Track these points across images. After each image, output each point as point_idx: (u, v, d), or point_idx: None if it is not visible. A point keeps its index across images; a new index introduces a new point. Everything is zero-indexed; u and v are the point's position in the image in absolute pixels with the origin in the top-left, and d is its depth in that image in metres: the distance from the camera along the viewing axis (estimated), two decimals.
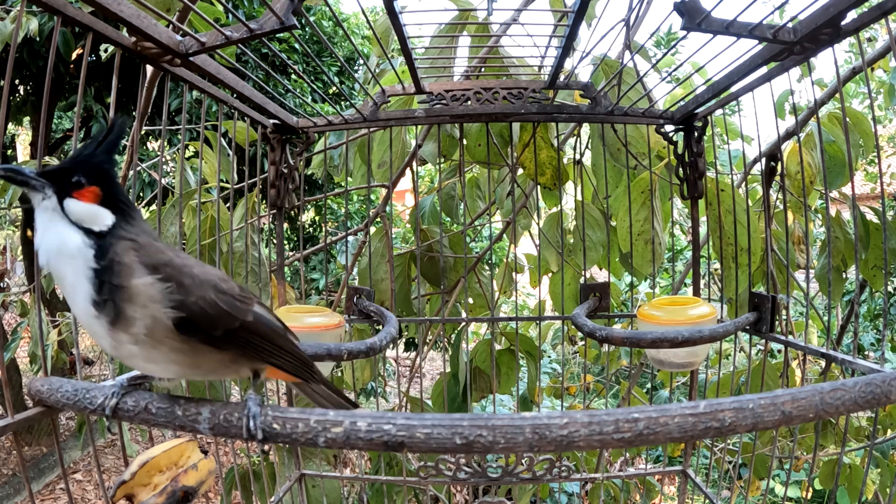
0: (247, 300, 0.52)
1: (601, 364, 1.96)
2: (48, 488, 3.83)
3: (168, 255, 0.48)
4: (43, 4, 0.52)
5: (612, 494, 1.39)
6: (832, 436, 1.44)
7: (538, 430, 0.44)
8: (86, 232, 0.46)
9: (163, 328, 0.46)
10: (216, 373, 0.53)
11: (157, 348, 0.47)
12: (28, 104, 4.43)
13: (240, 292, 0.52)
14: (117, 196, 0.49)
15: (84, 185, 0.47)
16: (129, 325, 0.46)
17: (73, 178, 0.47)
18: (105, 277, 0.45)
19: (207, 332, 0.48)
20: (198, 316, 0.47)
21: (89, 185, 0.47)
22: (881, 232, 1.14)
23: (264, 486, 1.10)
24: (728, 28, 0.63)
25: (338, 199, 4.24)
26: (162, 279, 0.46)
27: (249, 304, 0.52)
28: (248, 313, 0.51)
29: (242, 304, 0.51)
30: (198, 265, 0.50)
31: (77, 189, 0.47)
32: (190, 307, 0.46)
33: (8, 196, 1.40)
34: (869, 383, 0.45)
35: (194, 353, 0.49)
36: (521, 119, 1.04)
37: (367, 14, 0.84)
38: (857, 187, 1.28)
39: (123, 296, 0.45)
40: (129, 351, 0.47)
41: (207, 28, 0.77)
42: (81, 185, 0.47)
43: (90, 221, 0.47)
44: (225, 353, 0.50)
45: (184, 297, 0.46)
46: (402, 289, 1.36)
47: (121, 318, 0.45)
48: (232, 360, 0.52)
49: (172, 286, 0.46)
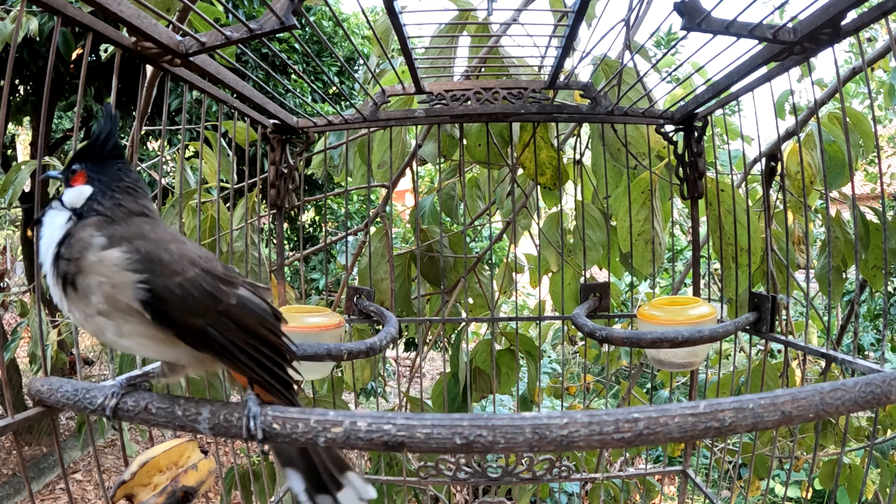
0: (232, 280, 0.50)
1: (601, 364, 1.96)
2: (48, 488, 3.83)
3: (141, 228, 0.48)
4: (43, 4, 0.52)
5: (612, 494, 1.39)
6: (832, 436, 1.44)
7: (538, 430, 0.44)
8: (73, 211, 0.48)
9: (126, 303, 0.45)
10: (197, 357, 0.50)
11: (126, 320, 0.46)
12: (28, 104, 4.43)
13: (223, 271, 0.50)
14: (99, 171, 0.50)
15: (77, 171, 0.50)
16: (87, 295, 0.46)
17: (72, 167, 0.50)
18: (62, 249, 0.47)
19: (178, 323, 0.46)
20: (169, 303, 0.45)
21: (81, 169, 0.50)
22: (881, 232, 1.14)
23: (264, 486, 1.10)
24: (728, 28, 0.63)
25: (338, 199, 4.24)
26: (127, 251, 0.45)
27: (234, 286, 0.50)
28: (233, 297, 0.49)
29: (225, 283, 0.49)
30: (176, 240, 0.49)
31: (72, 176, 0.50)
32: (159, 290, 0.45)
33: (8, 196, 1.40)
34: (869, 383, 0.45)
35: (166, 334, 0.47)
36: (521, 119, 1.04)
37: (367, 14, 0.84)
38: (857, 187, 1.28)
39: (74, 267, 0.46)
40: (98, 323, 0.47)
41: (207, 28, 0.77)
42: (75, 172, 0.50)
43: (75, 202, 0.49)
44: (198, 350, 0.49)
45: (153, 275, 0.45)
46: (402, 289, 1.36)
47: (76, 290, 0.46)
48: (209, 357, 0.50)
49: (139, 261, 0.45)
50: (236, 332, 0.49)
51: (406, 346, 3.90)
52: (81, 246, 0.46)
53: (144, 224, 0.49)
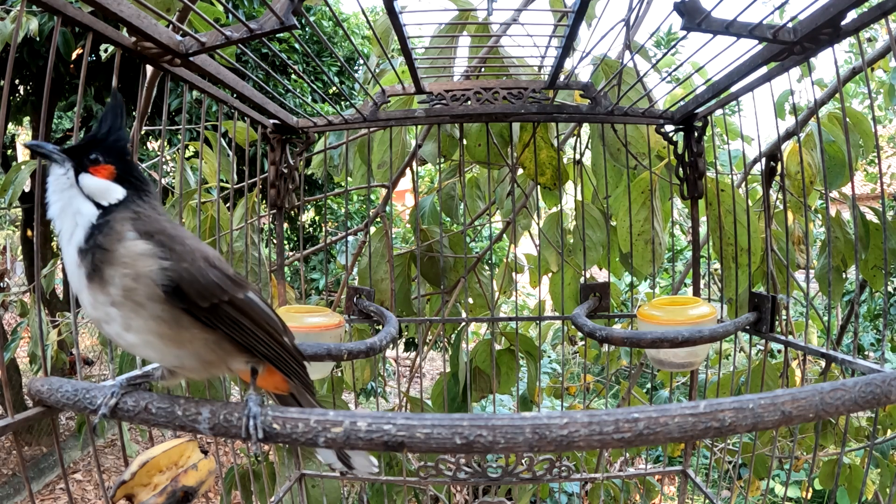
0: (241, 283, 0.52)
1: (601, 364, 1.96)
2: (48, 488, 3.83)
3: (164, 225, 0.50)
4: (43, 4, 0.52)
5: (612, 494, 1.39)
6: (832, 436, 1.44)
7: (538, 430, 0.44)
8: (96, 205, 0.49)
9: (146, 291, 0.47)
10: (202, 358, 0.51)
11: (137, 313, 0.47)
12: (28, 104, 4.43)
13: (233, 273, 0.52)
14: (131, 173, 0.51)
15: (101, 162, 0.50)
16: (107, 285, 0.47)
17: (91, 154, 0.50)
18: (96, 233, 0.48)
19: (195, 301, 0.48)
20: (188, 282, 0.48)
21: (106, 163, 0.50)
22: (881, 232, 1.14)
23: (264, 486, 1.10)
24: (728, 28, 0.63)
25: (338, 199, 4.24)
26: (154, 244, 0.48)
27: (244, 288, 0.52)
28: (240, 292, 0.51)
29: (234, 283, 0.51)
30: (193, 239, 0.52)
31: (94, 165, 0.50)
32: (180, 272, 0.47)
33: (8, 196, 1.40)
34: (869, 383, 0.45)
35: (177, 326, 0.48)
36: (521, 119, 1.04)
37: (367, 14, 0.84)
38: (857, 187, 1.28)
39: (105, 257, 0.47)
40: (108, 314, 0.48)
41: (207, 28, 0.77)
42: (98, 162, 0.50)
43: (101, 196, 0.50)
44: (210, 332, 0.50)
45: (175, 262, 0.47)
46: (402, 289, 1.36)
47: (98, 276, 0.47)
48: (218, 345, 0.51)
49: (164, 251, 0.48)
50: (245, 318, 0.51)
51: (406, 346, 3.90)
52: (116, 238, 0.48)
53: (165, 222, 0.51)
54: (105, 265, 0.47)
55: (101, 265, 0.47)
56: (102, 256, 0.47)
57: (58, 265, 1.67)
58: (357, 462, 0.67)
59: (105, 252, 0.47)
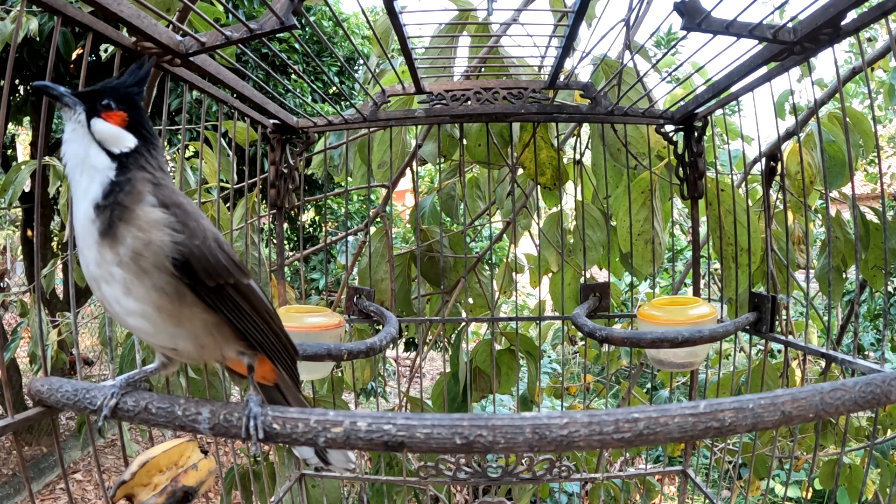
0: (244, 270, 0.53)
1: (601, 364, 1.96)
2: (48, 488, 3.83)
3: (181, 200, 0.50)
4: (43, 4, 0.52)
5: (612, 494, 1.39)
6: (832, 436, 1.44)
7: (538, 430, 0.44)
8: (107, 152, 0.49)
9: (154, 259, 0.47)
10: (198, 341, 0.51)
11: (141, 280, 0.47)
12: (28, 104, 4.43)
13: (238, 260, 0.53)
14: (142, 124, 0.51)
15: (113, 108, 0.50)
16: (118, 244, 0.47)
17: (103, 100, 0.50)
18: (116, 190, 0.48)
19: (202, 280, 0.48)
20: (197, 258, 0.48)
21: (118, 109, 0.50)
22: (881, 232, 1.14)
23: (264, 486, 1.10)
24: (728, 28, 0.63)
25: (338, 199, 4.24)
26: (170, 215, 0.48)
27: (247, 276, 0.53)
28: (244, 278, 0.52)
29: (239, 269, 0.52)
30: (206, 219, 0.52)
31: (106, 111, 0.50)
32: (191, 248, 0.48)
33: (8, 196, 1.40)
34: (869, 383, 0.45)
35: (179, 302, 0.48)
36: (521, 119, 1.04)
37: (367, 14, 0.84)
38: (857, 187, 1.28)
39: (123, 215, 0.47)
40: (111, 273, 0.48)
41: (207, 28, 0.77)
42: (110, 108, 0.50)
43: (112, 142, 0.49)
44: (211, 314, 0.50)
45: (188, 237, 0.48)
46: (402, 289, 1.36)
47: (112, 233, 0.47)
48: (217, 328, 0.51)
49: (179, 225, 0.48)
50: (246, 303, 0.51)
51: (406, 346, 3.90)
52: (136, 198, 0.48)
53: (181, 196, 0.51)
54: (121, 223, 0.47)
55: (117, 222, 0.47)
56: (121, 213, 0.47)
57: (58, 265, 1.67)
58: (334, 458, 0.67)
59: (124, 210, 0.47)
